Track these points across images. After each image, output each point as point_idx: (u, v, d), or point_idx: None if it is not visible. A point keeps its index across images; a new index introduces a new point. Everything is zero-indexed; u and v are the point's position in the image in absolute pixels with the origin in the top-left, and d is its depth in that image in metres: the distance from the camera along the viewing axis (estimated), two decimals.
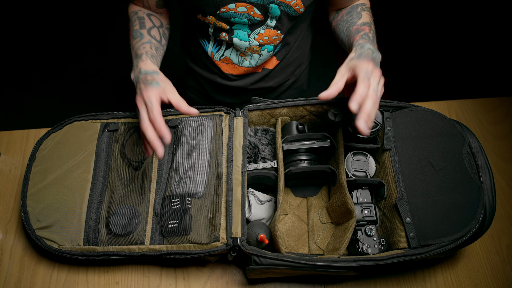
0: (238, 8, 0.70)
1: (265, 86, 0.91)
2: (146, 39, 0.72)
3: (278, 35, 0.77)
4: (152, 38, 0.73)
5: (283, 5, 0.70)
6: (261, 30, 0.75)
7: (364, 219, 0.72)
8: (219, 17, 0.72)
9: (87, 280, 0.76)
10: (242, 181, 0.71)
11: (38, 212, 0.72)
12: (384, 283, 0.75)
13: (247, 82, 0.88)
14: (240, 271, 0.77)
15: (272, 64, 0.86)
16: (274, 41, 0.78)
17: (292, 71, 0.93)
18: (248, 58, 0.81)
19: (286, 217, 0.80)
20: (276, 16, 0.72)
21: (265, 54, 0.81)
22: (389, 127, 0.76)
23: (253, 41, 0.76)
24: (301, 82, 1.01)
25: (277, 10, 0.70)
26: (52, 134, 0.80)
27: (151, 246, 0.68)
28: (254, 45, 0.77)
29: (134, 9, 0.78)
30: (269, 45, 0.79)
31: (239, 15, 0.71)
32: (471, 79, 1.95)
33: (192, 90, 1.02)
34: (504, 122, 0.95)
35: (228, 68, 0.85)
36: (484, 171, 0.68)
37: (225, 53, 0.82)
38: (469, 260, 0.78)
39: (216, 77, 0.89)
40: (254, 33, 0.75)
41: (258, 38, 0.76)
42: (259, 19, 0.72)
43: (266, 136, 0.82)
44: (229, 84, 0.89)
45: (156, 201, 0.72)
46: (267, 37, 0.76)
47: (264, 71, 0.87)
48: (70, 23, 2.21)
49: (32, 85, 2.02)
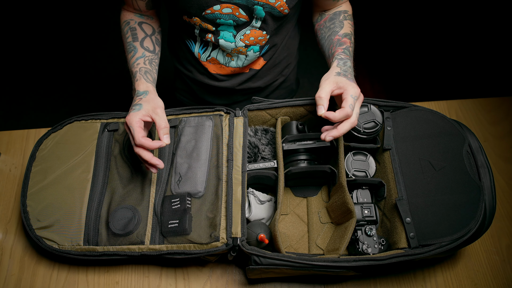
0: (223, 9, 0.70)
1: (253, 87, 0.91)
2: (139, 53, 0.75)
3: (263, 36, 0.77)
4: (145, 51, 0.76)
5: (267, 6, 0.70)
6: (246, 31, 0.75)
7: (364, 219, 0.72)
8: (204, 19, 0.73)
9: (87, 280, 0.76)
10: (242, 181, 0.71)
11: (38, 212, 0.72)
12: (384, 283, 0.75)
13: (234, 83, 0.88)
14: (240, 271, 0.77)
15: (259, 64, 0.86)
16: (260, 42, 0.78)
17: (280, 71, 0.93)
18: (235, 59, 0.81)
19: (286, 217, 0.80)
20: (261, 17, 0.72)
21: (251, 55, 0.81)
22: (389, 127, 0.76)
23: (239, 42, 0.77)
24: (290, 82, 1.01)
25: (262, 11, 0.71)
26: (52, 134, 0.80)
27: (151, 246, 0.68)
28: (240, 46, 0.78)
29: (126, 18, 0.80)
30: (255, 46, 0.79)
31: (224, 16, 0.72)
32: (471, 79, 1.95)
33: (181, 92, 1.03)
34: (504, 122, 0.95)
35: (215, 68, 0.85)
36: (484, 171, 0.68)
37: (211, 54, 0.82)
38: (469, 260, 0.78)
39: (203, 78, 0.89)
40: (239, 34, 0.76)
41: (244, 39, 0.76)
42: (244, 20, 0.73)
43: (266, 136, 0.82)
44: (216, 84, 0.89)
45: (156, 201, 0.72)
46: (253, 37, 0.77)
47: (251, 71, 0.87)
48: (70, 23, 2.21)
49: (32, 85, 2.02)
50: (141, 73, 0.73)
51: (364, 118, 0.75)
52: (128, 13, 0.80)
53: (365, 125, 0.75)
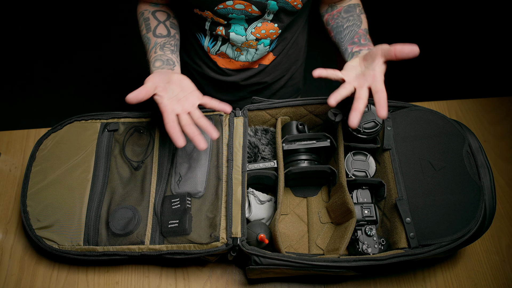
0: (236, 5, 0.70)
1: (260, 82, 0.91)
2: (152, 43, 0.75)
3: (275, 29, 0.77)
4: (157, 38, 0.75)
5: (281, 1, 0.70)
6: (258, 23, 0.75)
7: (364, 219, 0.72)
8: (216, 13, 0.73)
9: (87, 280, 0.76)
10: (242, 181, 0.71)
11: (38, 212, 0.72)
12: (384, 283, 0.75)
13: (243, 77, 0.88)
14: (240, 271, 0.77)
15: (269, 59, 0.86)
16: (271, 35, 0.78)
17: (287, 67, 0.93)
18: (244, 53, 0.81)
19: (286, 217, 0.80)
20: (274, 11, 0.72)
21: (261, 49, 0.81)
22: (389, 127, 0.76)
23: (250, 35, 0.76)
24: (297, 80, 1.01)
25: (275, 5, 0.71)
26: (52, 134, 0.80)
27: (151, 246, 0.68)
28: (250, 40, 0.77)
29: (141, 9, 0.80)
30: (266, 39, 0.79)
31: (236, 12, 0.72)
32: (471, 79, 1.95)
33: None
34: (504, 122, 0.95)
35: (224, 62, 0.85)
36: (484, 171, 0.68)
37: (221, 48, 0.82)
38: (469, 260, 0.78)
39: (211, 72, 0.89)
40: (251, 27, 0.75)
41: (255, 32, 0.76)
42: (256, 14, 0.73)
43: (266, 136, 0.82)
44: (224, 79, 0.89)
45: (156, 201, 0.72)
46: (264, 30, 0.76)
47: (260, 66, 0.87)
48: (70, 23, 2.21)
49: (32, 85, 2.02)
50: (152, 63, 0.72)
51: (364, 118, 0.75)
52: (144, 4, 0.80)
53: (365, 125, 0.75)
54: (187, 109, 0.65)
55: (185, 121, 0.64)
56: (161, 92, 0.64)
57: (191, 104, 0.66)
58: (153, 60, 0.72)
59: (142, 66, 0.94)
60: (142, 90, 0.62)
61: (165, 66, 0.71)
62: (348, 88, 0.64)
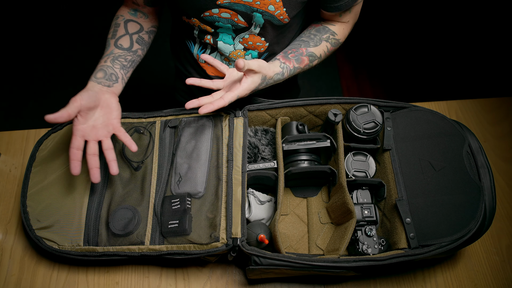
0: (222, 14, 0.70)
1: None
2: (108, 51, 0.75)
3: (262, 42, 0.77)
4: (116, 49, 0.75)
5: (267, 14, 0.70)
6: (245, 35, 0.75)
7: (364, 219, 0.72)
8: (203, 20, 0.73)
9: (87, 280, 0.76)
10: (242, 181, 0.71)
11: (38, 212, 0.72)
12: (384, 283, 0.75)
13: None
14: (240, 271, 0.77)
15: None
16: (258, 48, 0.78)
17: None
18: (233, 64, 0.81)
19: (286, 217, 0.80)
20: (260, 24, 0.72)
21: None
22: (389, 127, 0.76)
23: (237, 44, 0.77)
24: (288, 91, 1.00)
25: (261, 18, 0.71)
26: (52, 134, 0.80)
27: (151, 246, 0.68)
28: (238, 49, 0.77)
29: (119, 13, 0.79)
30: (254, 51, 0.79)
31: (222, 20, 0.72)
32: (471, 79, 1.95)
33: (181, 93, 1.02)
34: (504, 122, 0.95)
35: (214, 70, 0.85)
36: (484, 171, 0.68)
37: None
38: (469, 260, 0.78)
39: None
40: (238, 37, 0.76)
41: (243, 41, 0.76)
42: (243, 25, 0.73)
43: (266, 136, 0.82)
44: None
45: (156, 201, 0.72)
46: (251, 42, 0.76)
47: None
48: (71, 23, 2.21)
49: (32, 85, 2.02)
50: (95, 72, 0.72)
51: (364, 119, 0.75)
52: (124, 8, 0.80)
53: (365, 126, 0.75)
54: (99, 138, 0.68)
55: (91, 151, 0.66)
56: (80, 117, 0.67)
57: (105, 133, 0.68)
58: (98, 69, 0.72)
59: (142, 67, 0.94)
60: (64, 114, 0.64)
61: (105, 80, 0.72)
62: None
